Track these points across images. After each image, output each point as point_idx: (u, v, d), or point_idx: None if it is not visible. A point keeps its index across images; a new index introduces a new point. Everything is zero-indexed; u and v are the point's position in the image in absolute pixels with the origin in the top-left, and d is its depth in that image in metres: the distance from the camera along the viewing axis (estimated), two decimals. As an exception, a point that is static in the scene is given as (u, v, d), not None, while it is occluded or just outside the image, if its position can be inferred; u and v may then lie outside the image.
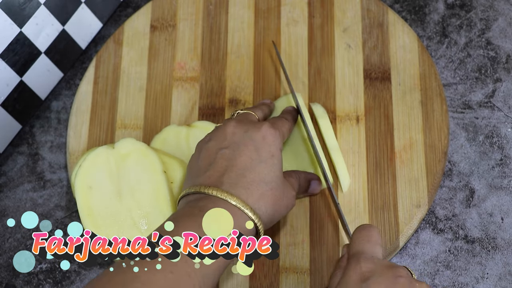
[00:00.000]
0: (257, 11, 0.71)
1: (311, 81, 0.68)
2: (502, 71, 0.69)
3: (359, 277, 0.49)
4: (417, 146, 0.64)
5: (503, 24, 0.71)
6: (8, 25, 0.63)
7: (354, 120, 0.66)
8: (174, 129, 0.66)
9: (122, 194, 0.61)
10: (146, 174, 0.61)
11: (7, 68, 0.64)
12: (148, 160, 0.62)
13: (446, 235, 0.63)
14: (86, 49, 0.73)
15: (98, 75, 0.71)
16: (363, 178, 0.64)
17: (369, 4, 0.70)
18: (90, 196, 0.62)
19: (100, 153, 0.62)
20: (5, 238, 0.67)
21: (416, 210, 0.62)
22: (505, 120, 0.67)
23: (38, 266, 0.65)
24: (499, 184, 0.65)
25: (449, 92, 0.68)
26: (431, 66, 0.67)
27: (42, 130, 0.71)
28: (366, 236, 0.52)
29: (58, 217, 0.67)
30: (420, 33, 0.71)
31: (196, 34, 0.71)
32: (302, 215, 0.63)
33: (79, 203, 0.62)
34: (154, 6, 0.73)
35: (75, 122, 0.69)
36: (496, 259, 0.62)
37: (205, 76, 0.70)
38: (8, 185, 0.69)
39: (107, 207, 0.61)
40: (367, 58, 0.68)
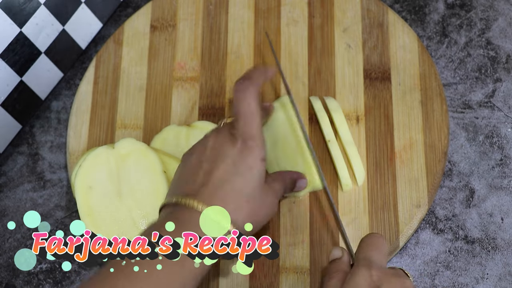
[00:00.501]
0: (257, 11, 0.71)
1: (311, 81, 0.68)
2: (502, 71, 0.69)
3: (368, 284, 0.48)
4: (417, 146, 0.64)
5: (503, 24, 0.71)
6: (8, 25, 0.63)
7: (354, 120, 0.66)
8: (174, 129, 0.66)
9: (122, 194, 0.61)
10: (146, 174, 0.62)
11: (7, 68, 0.65)
12: (148, 160, 0.62)
13: (446, 235, 0.63)
14: (86, 49, 0.73)
15: (98, 75, 0.71)
16: (363, 178, 0.64)
17: (369, 4, 0.70)
18: (90, 196, 0.62)
19: (100, 153, 0.62)
20: (5, 238, 0.67)
21: (416, 210, 0.62)
22: (505, 120, 0.67)
23: (38, 266, 0.65)
24: (499, 184, 0.65)
25: (449, 92, 0.68)
26: (431, 66, 0.67)
27: (42, 130, 0.71)
28: (375, 244, 0.52)
29: (58, 217, 0.67)
30: (420, 33, 0.71)
31: (196, 34, 0.71)
32: (302, 215, 0.63)
33: (79, 203, 0.62)
34: (154, 6, 0.73)
35: (75, 122, 0.69)
36: (496, 259, 0.62)
37: (205, 76, 0.70)
38: (8, 185, 0.69)
39: (107, 207, 0.61)
40: (367, 58, 0.68)
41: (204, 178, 0.53)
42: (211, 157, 0.54)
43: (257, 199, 0.53)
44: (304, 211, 0.63)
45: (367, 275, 0.49)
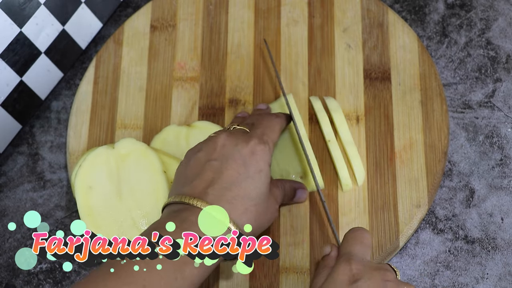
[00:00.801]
0: (257, 11, 0.71)
1: (311, 81, 0.68)
2: (502, 71, 0.69)
3: (348, 278, 0.49)
4: (417, 146, 0.64)
5: (503, 24, 0.71)
6: (8, 25, 0.63)
7: (354, 120, 0.66)
8: (174, 129, 0.66)
9: (122, 194, 0.61)
10: (146, 174, 0.61)
11: (7, 68, 0.65)
12: (148, 160, 0.62)
13: (446, 235, 0.63)
14: (86, 49, 0.73)
15: (98, 75, 0.71)
16: (363, 178, 0.64)
17: (369, 4, 0.70)
18: (90, 196, 0.62)
19: (100, 153, 0.62)
20: (5, 238, 0.67)
21: (416, 210, 0.62)
22: (505, 120, 0.67)
23: (38, 266, 0.65)
24: (499, 184, 0.65)
25: (449, 92, 0.68)
26: (431, 66, 0.67)
27: (42, 130, 0.71)
28: (359, 238, 0.52)
29: (58, 217, 0.67)
30: (420, 33, 0.71)
31: (196, 34, 0.71)
32: (302, 215, 0.63)
33: (79, 202, 0.62)
34: (154, 6, 0.73)
35: (75, 122, 0.69)
36: (496, 259, 0.62)
37: (205, 76, 0.70)
38: (8, 185, 0.69)
39: (107, 207, 0.61)
40: (367, 58, 0.68)
41: (212, 177, 0.52)
42: (222, 156, 0.53)
43: (264, 203, 0.53)
44: (304, 211, 0.63)
45: (347, 269, 0.49)
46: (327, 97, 0.66)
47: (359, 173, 0.63)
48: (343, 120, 0.65)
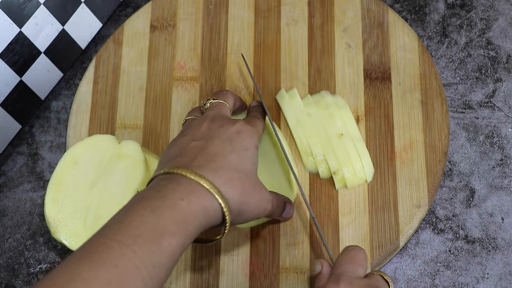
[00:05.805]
0: (257, 11, 0.71)
1: (311, 81, 0.68)
2: (502, 71, 0.69)
3: None
4: (417, 146, 0.64)
5: (503, 24, 0.71)
6: (7, 25, 0.63)
7: (354, 120, 0.66)
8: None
9: (95, 186, 0.61)
10: (127, 182, 0.61)
11: (7, 68, 0.64)
12: (136, 172, 0.61)
13: (447, 235, 0.63)
14: (86, 49, 0.73)
15: (98, 75, 0.71)
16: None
17: (369, 4, 0.70)
18: (69, 169, 0.61)
19: (106, 140, 0.62)
20: (4, 238, 0.66)
21: (416, 210, 0.62)
22: (505, 120, 0.67)
23: (38, 266, 0.65)
24: (500, 184, 0.65)
25: (449, 92, 0.68)
26: (431, 66, 0.67)
27: (42, 130, 0.71)
28: (351, 258, 0.52)
29: (58, 217, 0.67)
30: (420, 33, 0.71)
31: (196, 34, 0.71)
32: (302, 215, 0.63)
33: (58, 169, 0.61)
34: (154, 6, 0.73)
35: (75, 122, 0.69)
36: (497, 259, 0.62)
37: (205, 76, 0.70)
38: (8, 185, 0.69)
39: (75, 188, 0.60)
40: (367, 58, 0.68)
41: (196, 153, 0.50)
42: (206, 135, 0.52)
43: (251, 179, 0.51)
44: (304, 211, 0.63)
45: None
46: (334, 95, 0.66)
47: (368, 169, 0.63)
48: (351, 116, 0.65)
